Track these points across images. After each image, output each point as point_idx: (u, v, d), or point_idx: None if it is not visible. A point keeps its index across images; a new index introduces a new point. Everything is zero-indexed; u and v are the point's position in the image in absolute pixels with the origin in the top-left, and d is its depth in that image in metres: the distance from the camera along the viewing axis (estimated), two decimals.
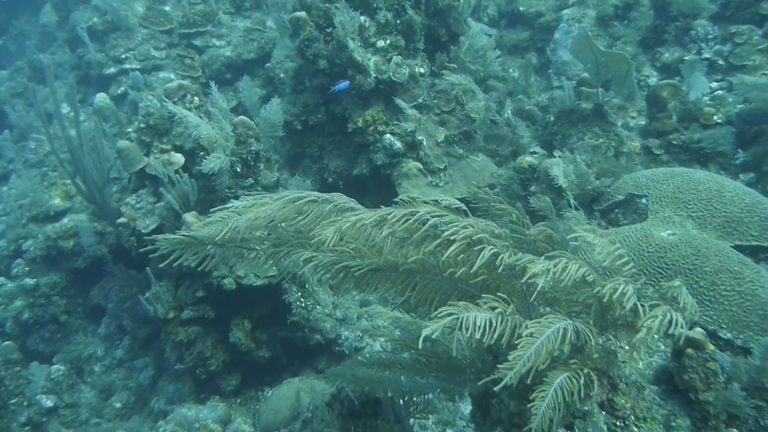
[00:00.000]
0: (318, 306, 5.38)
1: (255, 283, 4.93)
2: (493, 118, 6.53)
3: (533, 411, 2.10)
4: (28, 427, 5.77)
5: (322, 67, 6.02)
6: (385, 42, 5.99)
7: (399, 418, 3.70)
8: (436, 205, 2.58)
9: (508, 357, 2.10)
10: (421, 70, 6.22)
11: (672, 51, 7.73)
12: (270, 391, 5.28)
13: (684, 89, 6.87)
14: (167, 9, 9.12)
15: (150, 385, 6.09)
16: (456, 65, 6.43)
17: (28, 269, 6.75)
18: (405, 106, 5.99)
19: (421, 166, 6.03)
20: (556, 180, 5.00)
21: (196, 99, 5.18)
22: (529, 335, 2.02)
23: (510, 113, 7.38)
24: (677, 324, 1.96)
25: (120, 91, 8.41)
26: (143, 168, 5.24)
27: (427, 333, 2.06)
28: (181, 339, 5.10)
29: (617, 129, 6.22)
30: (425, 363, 3.34)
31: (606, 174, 5.26)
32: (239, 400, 5.41)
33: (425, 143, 6.09)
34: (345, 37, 5.74)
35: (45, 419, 5.91)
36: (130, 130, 5.33)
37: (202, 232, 2.83)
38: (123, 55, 8.58)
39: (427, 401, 3.61)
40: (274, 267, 3.04)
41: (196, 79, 8.42)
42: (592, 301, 2.29)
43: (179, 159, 5.07)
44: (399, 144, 6.00)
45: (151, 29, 8.83)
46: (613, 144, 5.97)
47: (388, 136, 6.00)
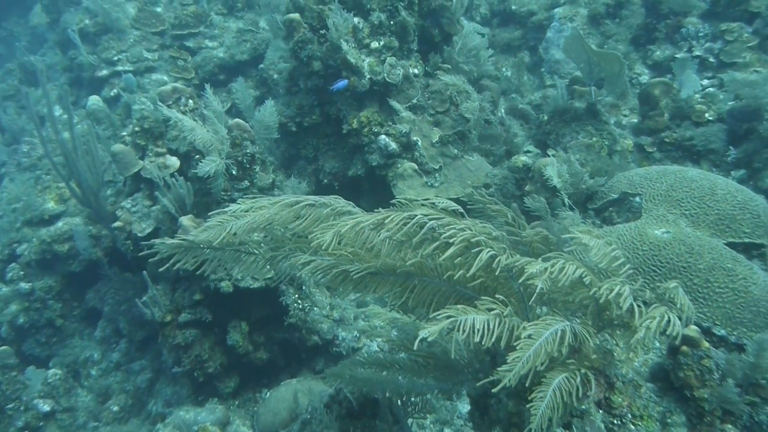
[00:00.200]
0: (315, 308, 5.39)
1: (252, 286, 4.93)
2: (487, 117, 6.55)
3: (532, 411, 2.12)
4: None
5: (316, 69, 6.01)
6: (379, 43, 5.99)
7: (397, 418, 3.71)
8: (433, 208, 2.60)
9: (506, 358, 2.12)
10: (415, 70, 6.23)
11: (663, 49, 7.77)
12: (268, 393, 5.29)
13: (676, 87, 6.91)
14: (159, 10, 9.08)
15: (147, 388, 6.08)
16: (450, 65, 6.44)
17: (22, 273, 6.73)
18: (399, 108, 6.00)
19: (416, 166, 6.03)
20: (550, 180, 5.03)
21: (190, 102, 5.16)
22: (528, 337, 2.04)
23: (503, 112, 7.40)
24: (674, 326, 1.98)
25: (113, 94, 8.37)
26: (138, 171, 5.23)
27: (424, 336, 2.08)
28: (179, 342, 5.10)
29: (610, 128, 6.25)
30: (423, 364, 3.36)
31: (600, 173, 5.29)
32: (237, 402, 5.41)
33: (420, 144, 6.10)
34: (339, 39, 5.74)
35: (42, 424, 5.90)
36: (124, 133, 5.31)
37: (201, 236, 2.84)
38: (115, 57, 8.53)
39: (425, 401, 3.63)
40: (272, 270, 3.06)
41: (189, 81, 8.39)
42: (588, 302, 2.32)
43: (174, 162, 5.05)
44: (394, 145, 6.01)
45: (143, 31, 8.79)
46: (607, 143, 6.00)
47: (383, 137, 6.00)
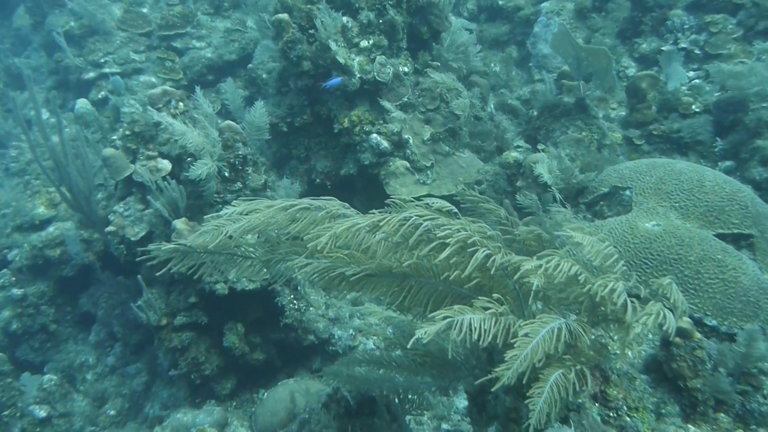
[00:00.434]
0: (311, 308, 5.41)
1: (247, 287, 4.93)
2: (478, 114, 6.59)
3: (531, 407, 2.15)
4: None
5: (306, 69, 6.00)
6: (369, 42, 6.00)
7: (395, 416, 3.74)
8: (427, 208, 2.62)
9: (504, 356, 2.15)
10: (405, 68, 6.25)
11: (649, 41, 7.83)
12: (265, 394, 5.30)
13: (662, 80, 6.97)
14: (145, 11, 9.04)
15: (144, 391, 6.07)
16: (439, 63, 6.46)
17: (14, 279, 6.69)
18: (390, 107, 6.01)
19: (408, 164, 6.05)
20: (540, 177, 5.08)
21: (180, 104, 5.14)
22: (525, 335, 2.07)
23: (493, 108, 7.44)
24: (670, 323, 2.03)
25: (100, 96, 8.30)
26: (130, 175, 5.19)
27: (421, 336, 2.11)
28: (175, 345, 5.09)
29: (599, 122, 6.30)
30: (420, 362, 3.39)
31: (590, 167, 5.34)
32: (235, 403, 5.42)
33: (411, 142, 6.11)
34: (327, 39, 5.74)
35: (39, 430, 5.87)
36: (115, 137, 5.28)
37: (197, 241, 2.86)
38: (102, 59, 8.47)
39: (423, 398, 3.66)
40: (269, 273, 3.07)
41: (177, 82, 8.36)
42: (583, 298, 2.35)
43: (166, 165, 5.03)
44: (385, 143, 6.02)
45: (130, 32, 8.74)
46: (596, 137, 6.05)
47: (374, 135, 6.01)
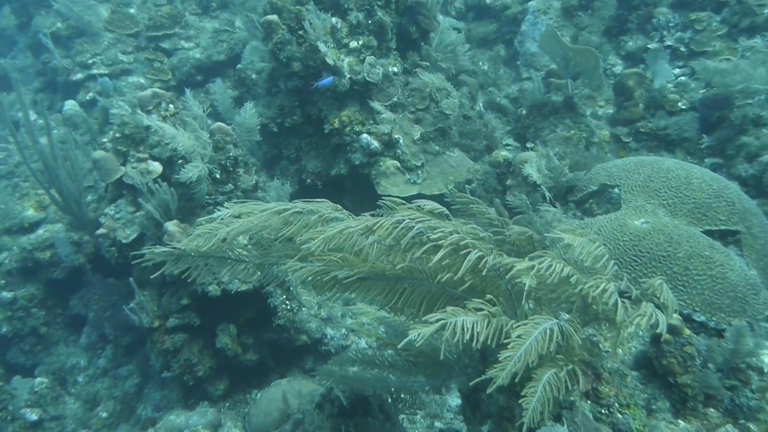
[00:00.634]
0: (303, 308, 5.42)
1: (240, 289, 4.94)
2: (467, 113, 6.62)
3: (524, 406, 2.18)
4: None
5: (296, 70, 6.00)
6: (358, 42, 6.01)
7: (388, 415, 3.77)
8: (418, 210, 2.64)
9: (497, 355, 2.18)
10: (395, 69, 6.26)
11: (635, 39, 7.89)
12: (258, 394, 5.31)
13: (649, 77, 7.03)
14: (132, 12, 8.99)
15: (136, 393, 6.06)
16: (428, 62, 6.49)
17: (3, 282, 6.64)
18: (380, 108, 6.03)
19: (399, 164, 6.07)
20: (530, 177, 5.12)
21: (171, 106, 5.12)
22: (518, 337, 2.10)
23: (482, 106, 7.47)
24: (662, 324, 2.07)
25: (88, 97, 8.24)
26: (120, 178, 5.18)
27: (414, 337, 2.14)
28: (168, 347, 5.07)
29: (587, 120, 6.35)
30: (413, 362, 3.41)
31: (578, 165, 5.38)
32: (228, 404, 5.42)
33: (402, 141, 6.13)
34: (317, 40, 5.75)
35: None
36: (105, 140, 5.27)
37: (191, 244, 2.87)
38: (90, 61, 8.42)
39: (416, 397, 3.69)
40: (262, 275, 3.09)
41: (166, 83, 8.32)
42: (575, 299, 2.39)
43: (157, 167, 5.02)
44: (376, 143, 6.03)
45: (118, 33, 8.68)
46: (584, 135, 6.10)
47: (364, 135, 6.02)
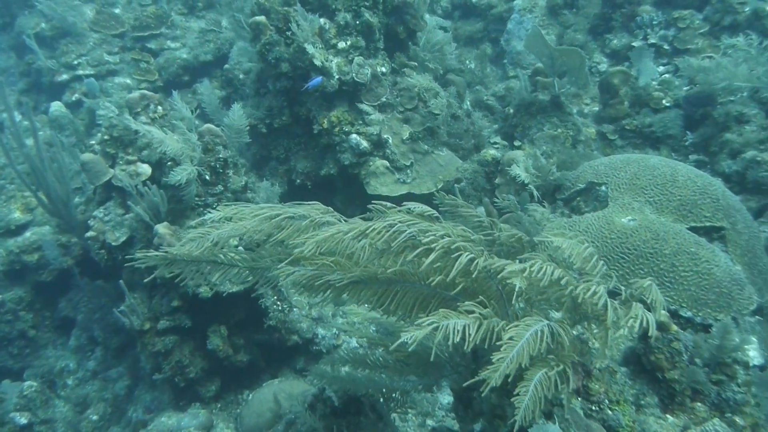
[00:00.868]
0: (294, 308, 5.44)
1: (231, 290, 4.94)
2: (455, 112, 6.66)
3: (516, 404, 2.22)
4: None
5: (284, 71, 6.00)
6: (346, 43, 6.02)
7: (381, 414, 3.80)
8: (409, 213, 2.68)
9: (489, 355, 2.22)
10: (383, 69, 6.27)
11: (620, 37, 7.97)
12: (250, 395, 5.32)
13: (634, 75, 7.11)
14: (117, 12, 8.93)
15: (126, 395, 6.04)
16: (416, 63, 6.52)
17: None
18: (369, 110, 6.05)
19: (388, 163, 6.09)
20: (518, 177, 5.18)
21: (159, 108, 5.11)
22: (510, 339, 2.14)
23: (469, 105, 7.51)
24: (652, 326, 2.13)
25: (74, 98, 8.16)
26: (109, 180, 5.16)
27: (407, 340, 2.17)
28: (159, 349, 5.05)
29: (574, 118, 6.41)
30: (404, 362, 3.45)
31: (566, 164, 5.44)
32: (219, 405, 5.42)
33: (391, 141, 6.15)
34: (305, 42, 5.75)
35: None
36: (93, 142, 5.25)
37: (184, 249, 2.88)
38: (75, 61, 8.35)
39: (407, 397, 3.72)
40: (254, 279, 3.10)
41: (152, 83, 8.29)
42: (565, 299, 2.43)
43: (146, 170, 4.99)
44: (365, 143, 6.05)
45: (103, 33, 8.62)
46: (571, 133, 6.16)
47: (354, 135, 6.03)
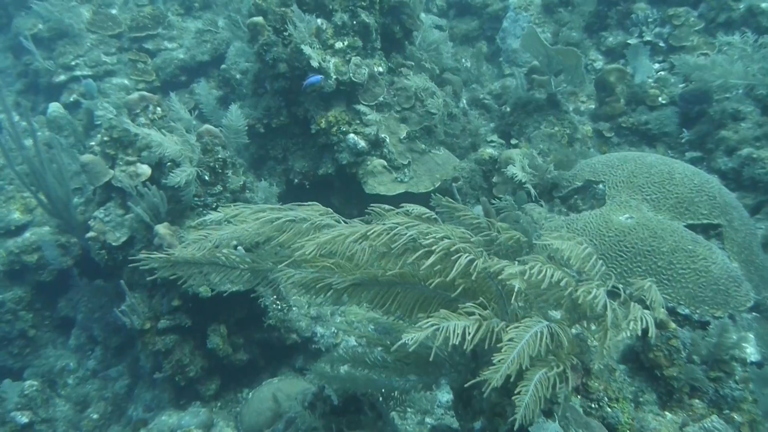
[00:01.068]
0: (294, 308, 5.47)
1: (231, 290, 4.96)
2: (451, 111, 6.68)
3: (517, 403, 2.25)
4: None
5: (282, 71, 6.01)
6: (343, 43, 6.04)
7: (380, 412, 3.83)
8: (407, 215, 2.70)
9: (489, 353, 2.25)
10: (380, 69, 6.30)
11: (615, 35, 7.99)
12: (250, 394, 5.35)
13: (629, 72, 7.14)
14: (114, 12, 8.93)
15: (126, 394, 6.06)
16: (413, 62, 6.54)
17: None
18: (366, 109, 6.07)
19: (386, 163, 6.11)
20: (515, 177, 5.20)
21: (158, 109, 5.11)
22: (510, 340, 2.17)
23: (465, 103, 7.54)
24: (651, 327, 2.17)
25: (72, 99, 8.16)
26: (109, 181, 5.17)
27: (407, 341, 2.19)
28: (159, 348, 5.07)
29: (571, 116, 6.44)
30: (404, 362, 3.47)
31: (562, 162, 5.47)
32: (219, 403, 5.44)
33: (388, 141, 6.17)
34: (302, 43, 5.77)
35: None
36: (93, 143, 5.24)
37: (185, 251, 2.91)
38: (73, 62, 8.34)
39: (406, 395, 3.75)
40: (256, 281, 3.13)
41: (150, 83, 8.29)
42: (564, 300, 2.46)
43: (146, 170, 5.00)
44: (363, 143, 6.07)
45: (100, 34, 8.62)
46: (568, 131, 6.19)
47: (351, 135, 6.06)
